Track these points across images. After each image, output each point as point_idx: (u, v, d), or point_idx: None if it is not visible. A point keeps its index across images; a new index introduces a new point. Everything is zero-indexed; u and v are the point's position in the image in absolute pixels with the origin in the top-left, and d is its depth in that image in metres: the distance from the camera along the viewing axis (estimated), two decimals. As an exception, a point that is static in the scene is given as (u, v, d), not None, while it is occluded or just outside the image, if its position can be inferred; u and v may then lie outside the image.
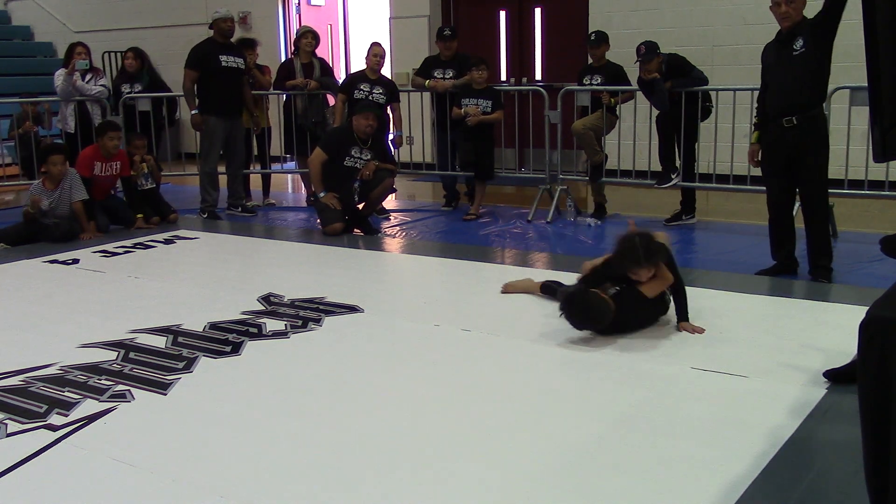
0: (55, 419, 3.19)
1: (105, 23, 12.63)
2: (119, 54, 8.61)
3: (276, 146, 8.80)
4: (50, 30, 13.51)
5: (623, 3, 9.24)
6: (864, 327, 1.97)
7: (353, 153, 6.78)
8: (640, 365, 3.68)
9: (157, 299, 4.91)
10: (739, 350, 3.83)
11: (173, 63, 9.11)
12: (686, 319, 4.10)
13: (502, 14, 10.43)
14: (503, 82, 10.28)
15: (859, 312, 2.04)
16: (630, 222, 4.56)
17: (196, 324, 4.35)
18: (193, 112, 7.55)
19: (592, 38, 7.34)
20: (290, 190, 9.87)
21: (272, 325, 4.34)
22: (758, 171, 6.61)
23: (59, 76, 8.04)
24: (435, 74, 7.72)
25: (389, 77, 8.34)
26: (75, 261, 5.96)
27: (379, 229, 6.99)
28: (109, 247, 6.40)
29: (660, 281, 4.06)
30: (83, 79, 8.09)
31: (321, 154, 6.80)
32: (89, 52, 8.19)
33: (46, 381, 3.58)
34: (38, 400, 3.38)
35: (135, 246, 6.46)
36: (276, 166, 9.21)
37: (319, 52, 8.42)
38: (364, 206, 6.98)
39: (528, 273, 5.46)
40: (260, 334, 4.20)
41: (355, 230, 6.84)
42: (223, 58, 7.42)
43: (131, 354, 3.92)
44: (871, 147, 2.48)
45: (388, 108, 7.62)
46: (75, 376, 3.64)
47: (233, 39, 7.75)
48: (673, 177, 6.85)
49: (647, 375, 3.56)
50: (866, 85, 2.03)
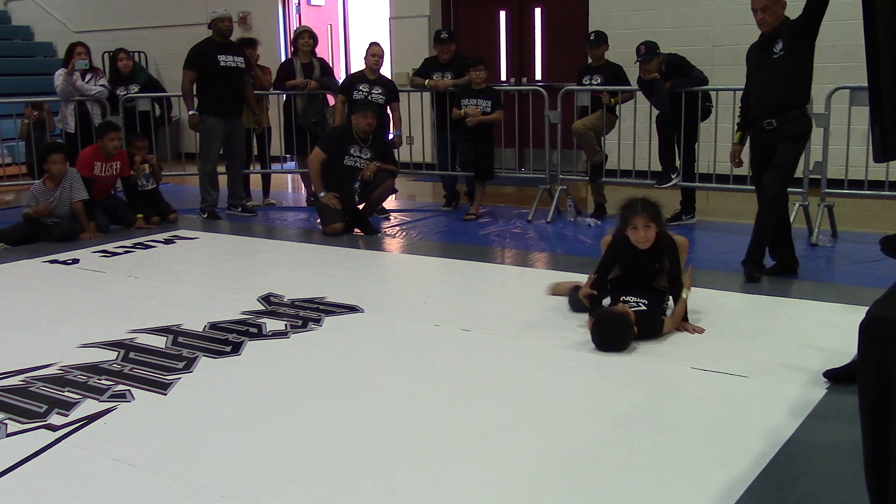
0: (55, 419, 3.19)
1: (105, 23, 12.63)
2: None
3: (276, 146, 8.80)
4: (50, 30, 13.51)
5: (623, 3, 9.24)
6: (864, 327, 1.97)
7: (352, 152, 6.79)
8: (640, 365, 3.68)
9: (157, 299, 4.91)
10: (739, 350, 3.83)
11: (173, 63, 9.12)
12: (686, 319, 4.10)
13: (502, 14, 10.43)
14: (503, 82, 10.28)
15: (859, 312, 2.04)
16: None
17: (196, 324, 4.35)
18: (191, 112, 7.55)
19: (592, 38, 7.34)
20: (290, 190, 9.87)
21: (272, 325, 4.34)
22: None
23: (59, 76, 8.04)
24: (434, 76, 7.73)
25: (389, 77, 8.34)
26: (75, 261, 5.96)
27: (379, 229, 6.99)
28: (109, 247, 6.40)
29: (678, 315, 4.07)
30: (83, 79, 8.09)
31: (320, 154, 6.80)
32: (89, 52, 8.18)
33: (46, 381, 3.58)
34: (38, 400, 3.38)
35: (135, 246, 6.46)
36: (276, 166, 9.22)
37: (319, 52, 8.42)
38: (364, 206, 6.98)
39: (528, 273, 5.47)
40: (260, 334, 4.20)
41: (355, 230, 6.84)
42: (222, 58, 7.42)
43: (131, 354, 3.92)
44: (871, 147, 2.48)
45: (388, 107, 7.62)
46: (75, 376, 3.64)
47: (233, 39, 7.75)
48: (673, 177, 6.86)
49: (647, 375, 3.56)
50: (866, 85, 2.03)
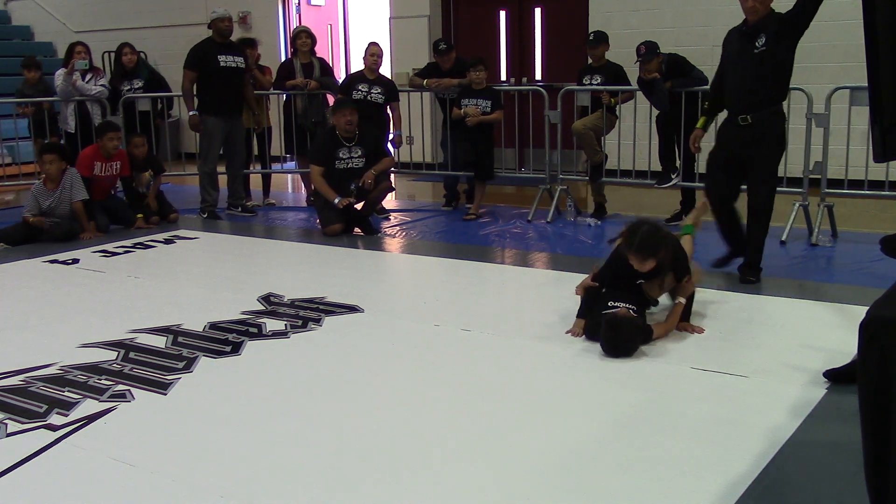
0: (55, 419, 3.19)
1: (105, 23, 12.63)
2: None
3: (277, 146, 8.80)
4: (50, 30, 13.51)
5: (623, 3, 9.24)
6: (864, 327, 1.97)
7: (341, 155, 6.76)
8: (640, 365, 3.68)
9: (157, 299, 4.91)
10: (739, 350, 3.84)
11: (173, 63, 9.11)
12: (686, 320, 4.10)
13: (502, 14, 10.43)
14: (503, 82, 10.28)
15: (859, 312, 2.04)
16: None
17: (196, 324, 4.35)
18: (192, 113, 7.55)
19: (591, 38, 7.34)
20: (290, 190, 9.87)
21: (272, 324, 4.34)
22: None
23: (59, 76, 8.04)
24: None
25: (389, 77, 8.34)
26: (75, 261, 5.96)
27: (379, 229, 6.99)
28: (109, 247, 6.40)
29: (668, 327, 4.03)
30: (83, 79, 8.09)
31: (317, 168, 6.80)
32: (89, 52, 8.18)
33: (46, 381, 3.58)
34: (38, 400, 3.38)
35: (135, 246, 6.46)
36: (276, 166, 9.21)
37: (319, 52, 8.42)
38: (363, 206, 6.98)
39: (528, 273, 5.47)
40: (260, 334, 4.20)
41: (355, 230, 6.84)
42: (222, 58, 7.42)
43: (131, 354, 3.92)
44: (871, 147, 2.48)
45: (388, 107, 7.63)
46: (75, 376, 3.64)
47: (233, 39, 7.75)
48: (673, 177, 6.86)
49: (647, 375, 3.56)
50: (866, 85, 2.03)
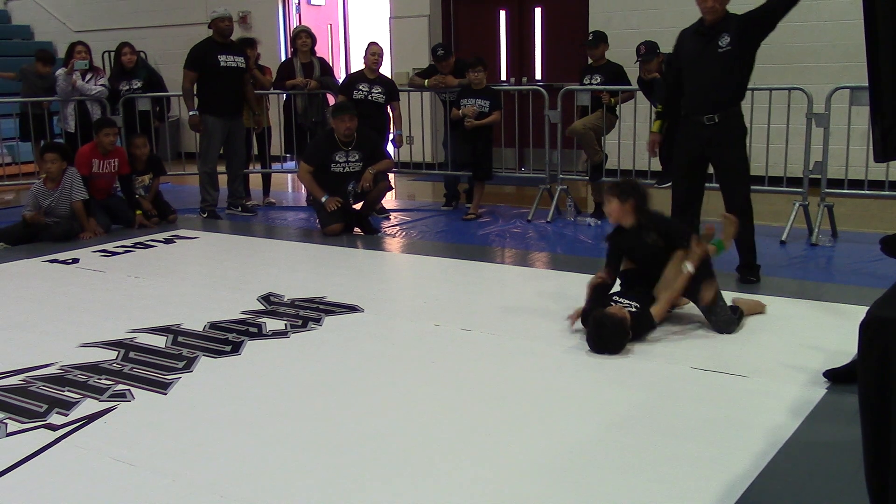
0: (55, 419, 3.19)
1: (105, 22, 12.63)
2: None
3: (276, 146, 8.80)
4: (50, 29, 13.51)
5: (623, 2, 9.24)
6: (865, 327, 1.97)
7: (338, 159, 6.74)
8: (640, 365, 3.68)
9: (156, 299, 4.91)
10: (739, 350, 3.84)
11: (173, 63, 9.12)
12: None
13: (502, 14, 10.43)
14: (503, 82, 10.28)
15: (859, 312, 2.04)
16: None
17: (196, 323, 4.35)
18: (191, 113, 7.55)
19: (590, 38, 7.36)
20: (290, 189, 9.87)
21: (272, 324, 4.34)
22: (759, 171, 6.64)
23: (59, 76, 8.04)
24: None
25: (389, 77, 8.34)
26: (75, 260, 5.96)
27: (379, 229, 6.99)
28: (109, 246, 6.40)
29: (665, 302, 4.05)
30: (83, 78, 8.09)
31: (306, 167, 6.79)
32: (90, 52, 8.19)
33: (46, 381, 3.58)
34: (38, 399, 3.38)
35: (135, 245, 6.46)
36: (276, 166, 9.22)
37: (319, 51, 8.43)
38: (362, 206, 6.97)
39: (528, 273, 5.47)
40: (260, 334, 4.20)
41: (355, 230, 6.84)
42: (222, 58, 7.41)
43: (131, 354, 3.92)
44: (871, 147, 2.48)
45: (388, 107, 7.63)
46: (75, 376, 3.64)
47: (233, 39, 7.74)
48: (673, 177, 6.85)
49: (647, 375, 3.56)
50: (866, 85, 2.03)
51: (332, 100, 8.13)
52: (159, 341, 4.10)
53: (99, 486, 2.68)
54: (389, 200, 8.15)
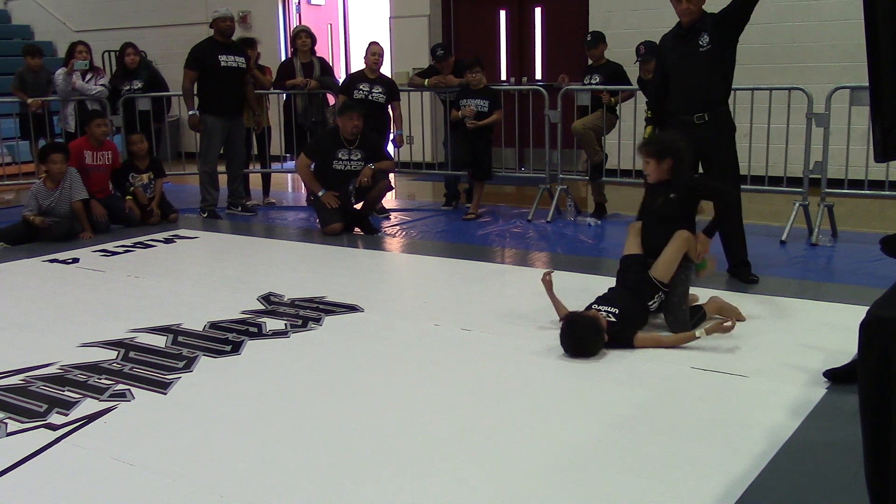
0: (55, 418, 3.19)
1: (105, 22, 12.63)
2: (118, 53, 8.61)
3: (276, 146, 8.80)
4: (50, 29, 13.51)
5: (623, 2, 9.24)
6: (865, 327, 1.97)
7: (341, 156, 6.74)
8: (640, 365, 3.68)
9: (156, 299, 4.91)
10: (739, 350, 3.83)
11: (173, 62, 9.12)
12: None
13: (502, 13, 10.44)
14: (503, 82, 10.28)
15: (859, 312, 2.04)
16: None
17: (196, 323, 4.35)
18: (191, 112, 7.55)
19: (589, 38, 7.37)
20: (290, 189, 9.87)
21: (272, 324, 4.34)
22: (759, 171, 6.65)
23: (59, 76, 8.04)
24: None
25: (389, 76, 8.34)
26: (75, 260, 5.96)
27: (379, 229, 6.99)
28: (109, 246, 6.40)
29: (658, 341, 3.92)
30: (83, 78, 8.09)
31: (305, 160, 6.80)
32: (90, 52, 8.19)
33: (46, 381, 3.58)
34: (38, 399, 3.38)
35: (135, 245, 6.46)
36: (276, 166, 9.22)
37: (319, 51, 8.43)
38: (362, 205, 6.97)
39: (528, 273, 5.47)
40: (260, 334, 4.20)
41: (355, 230, 6.84)
42: (223, 58, 7.41)
43: (131, 354, 3.92)
44: (871, 147, 2.48)
45: (389, 107, 7.63)
46: (75, 375, 3.64)
47: (233, 39, 7.74)
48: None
49: (647, 375, 3.56)
50: (866, 85, 2.03)
51: (332, 100, 8.14)
52: (159, 341, 4.10)
53: (99, 486, 2.68)
54: (389, 200, 8.15)
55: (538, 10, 10.23)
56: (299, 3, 11.80)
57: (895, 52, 1.93)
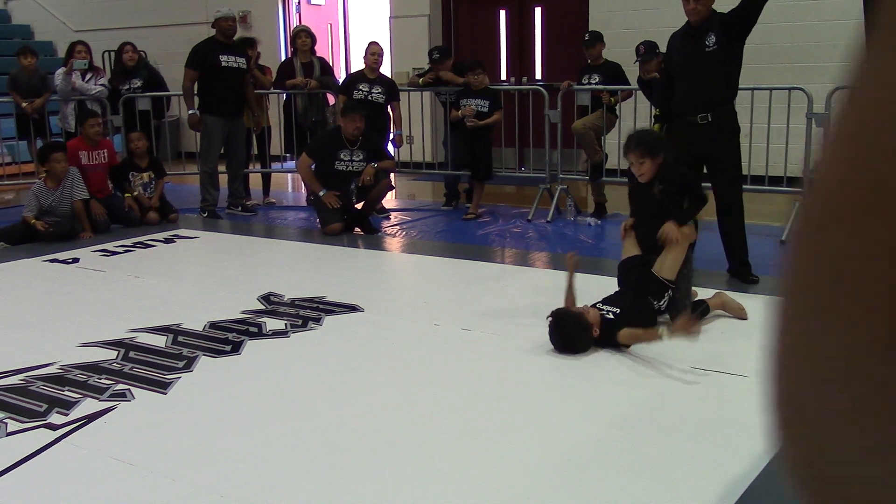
0: (55, 418, 3.19)
1: (105, 22, 12.63)
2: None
3: (276, 145, 8.80)
4: (50, 29, 13.50)
5: (623, 2, 9.24)
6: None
7: (342, 157, 6.74)
8: (640, 365, 3.68)
9: (157, 298, 4.91)
10: (739, 350, 3.83)
11: (173, 62, 9.12)
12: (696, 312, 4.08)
13: (502, 13, 10.43)
14: (503, 82, 10.28)
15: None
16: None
17: (196, 323, 4.35)
18: (191, 112, 7.55)
19: (587, 38, 7.38)
20: (290, 189, 9.87)
21: (272, 324, 4.34)
22: (759, 171, 6.65)
23: (59, 75, 8.04)
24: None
25: (389, 76, 8.35)
26: (75, 260, 5.96)
27: (379, 229, 6.99)
28: (109, 246, 6.40)
29: (640, 336, 3.85)
30: (83, 78, 8.09)
31: (306, 159, 6.80)
32: (90, 52, 8.19)
33: (46, 381, 3.58)
34: (38, 399, 3.38)
35: (135, 245, 6.46)
36: (276, 165, 9.22)
37: (319, 51, 8.43)
38: (363, 205, 6.98)
39: (528, 273, 5.47)
40: (260, 333, 4.20)
41: (355, 230, 6.84)
42: (223, 58, 7.41)
43: (131, 353, 3.92)
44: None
45: (388, 107, 7.63)
46: (75, 375, 3.64)
47: (234, 38, 7.75)
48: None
49: (647, 375, 3.56)
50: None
51: (332, 100, 8.13)
52: (159, 341, 4.10)
53: (99, 486, 2.68)
54: (389, 200, 8.14)
55: (538, 10, 10.23)
56: (299, 3, 11.80)
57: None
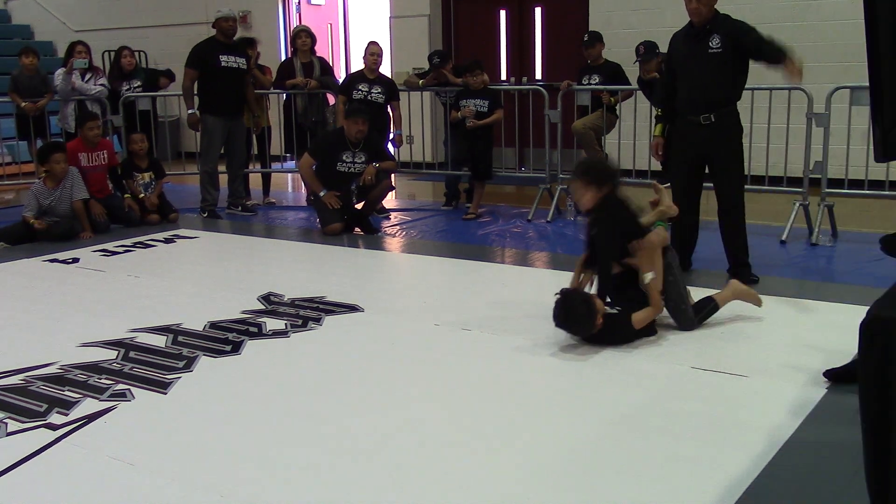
0: (55, 418, 3.19)
1: (105, 22, 12.63)
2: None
3: (276, 145, 8.80)
4: (50, 29, 13.50)
5: (623, 2, 9.24)
6: (865, 327, 1.97)
7: (344, 158, 6.73)
8: (640, 365, 3.68)
9: (157, 298, 4.91)
10: (739, 350, 3.83)
11: (173, 62, 9.12)
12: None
13: (502, 13, 10.43)
14: (503, 82, 10.28)
15: (859, 312, 2.04)
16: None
17: (196, 323, 4.35)
18: (190, 111, 7.55)
19: (586, 38, 7.39)
20: (290, 189, 9.87)
21: (272, 324, 4.34)
22: (759, 171, 6.65)
23: (59, 75, 8.04)
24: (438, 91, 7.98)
25: (389, 76, 8.35)
26: (75, 260, 5.95)
27: (379, 229, 6.98)
28: (109, 246, 6.40)
29: (649, 311, 3.92)
30: (83, 78, 8.09)
31: (309, 159, 6.79)
32: (90, 51, 8.19)
33: (46, 381, 3.58)
34: (38, 399, 3.38)
35: (135, 245, 6.46)
36: (276, 165, 9.22)
37: (319, 51, 8.43)
38: (363, 205, 6.98)
39: (528, 273, 5.47)
40: (260, 333, 4.20)
41: (355, 230, 6.84)
42: (223, 58, 7.41)
43: (131, 353, 3.92)
44: (871, 147, 2.48)
45: (388, 107, 7.63)
46: (75, 375, 3.64)
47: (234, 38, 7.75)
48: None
49: (647, 375, 3.56)
50: (867, 84, 2.03)
51: (331, 99, 8.13)
52: (159, 341, 4.10)
53: (99, 486, 2.68)
54: (389, 200, 8.14)
55: (538, 10, 10.23)
56: (299, 3, 11.80)
57: (895, 53, 1.93)
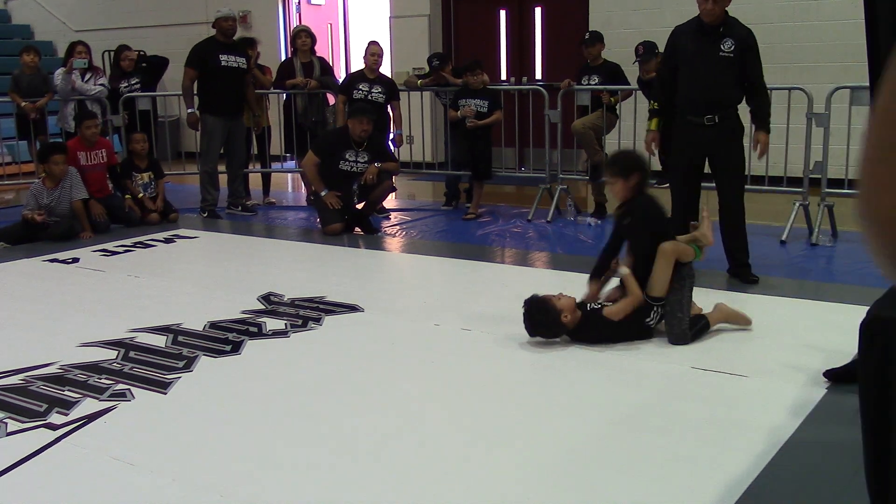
0: (55, 418, 3.19)
1: (105, 22, 12.63)
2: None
3: (276, 145, 8.80)
4: (50, 29, 13.50)
5: (623, 2, 9.24)
6: (865, 327, 1.97)
7: (347, 157, 6.74)
8: (640, 365, 3.68)
9: (157, 298, 4.91)
10: (739, 350, 3.84)
11: (173, 62, 9.12)
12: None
13: (502, 13, 10.43)
14: (503, 82, 10.28)
15: (859, 312, 2.04)
16: None
17: (196, 323, 4.35)
18: (190, 111, 7.55)
19: (586, 38, 7.39)
20: (290, 189, 9.87)
21: (272, 324, 4.34)
22: (759, 171, 6.65)
23: (59, 75, 8.04)
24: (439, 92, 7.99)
25: (389, 76, 8.35)
26: (75, 260, 5.95)
27: (379, 229, 6.98)
28: (109, 246, 6.40)
29: (626, 301, 3.88)
30: (83, 78, 8.09)
31: (313, 157, 6.79)
32: (90, 52, 8.19)
33: (46, 380, 3.58)
34: (38, 399, 3.38)
35: (135, 245, 6.46)
36: (276, 165, 9.22)
37: (319, 51, 8.43)
38: (364, 205, 6.98)
39: (528, 273, 5.46)
40: (260, 333, 4.20)
41: (355, 229, 6.84)
42: (223, 57, 7.41)
43: (131, 353, 3.92)
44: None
45: (388, 106, 7.63)
46: (75, 375, 3.64)
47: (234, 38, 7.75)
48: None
49: (647, 375, 3.56)
50: (867, 84, 2.03)
51: (331, 99, 8.13)
52: (159, 341, 4.10)
53: (99, 486, 2.68)
54: (390, 200, 8.14)
55: (538, 10, 10.23)
56: (299, 2, 11.80)
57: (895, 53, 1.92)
